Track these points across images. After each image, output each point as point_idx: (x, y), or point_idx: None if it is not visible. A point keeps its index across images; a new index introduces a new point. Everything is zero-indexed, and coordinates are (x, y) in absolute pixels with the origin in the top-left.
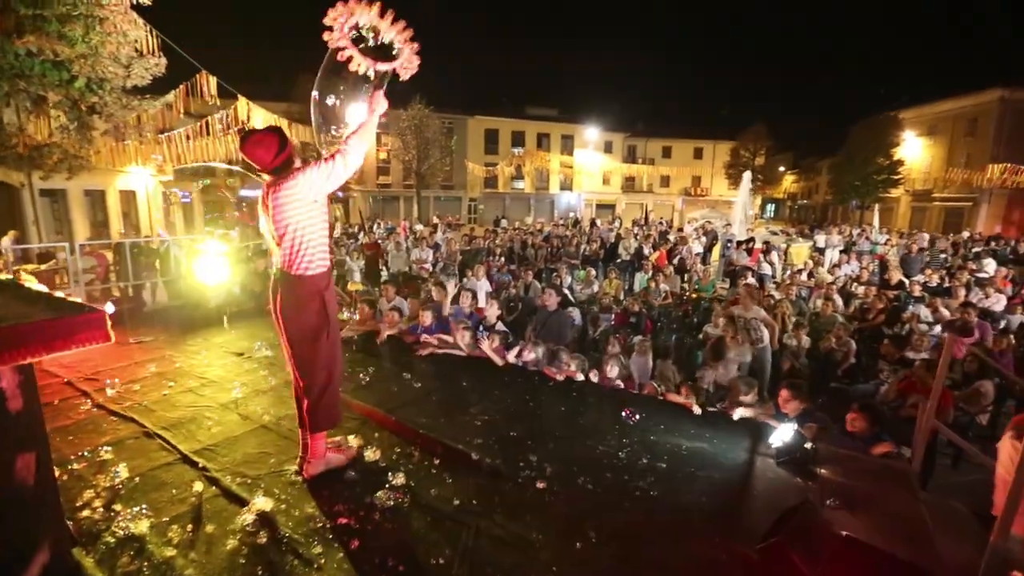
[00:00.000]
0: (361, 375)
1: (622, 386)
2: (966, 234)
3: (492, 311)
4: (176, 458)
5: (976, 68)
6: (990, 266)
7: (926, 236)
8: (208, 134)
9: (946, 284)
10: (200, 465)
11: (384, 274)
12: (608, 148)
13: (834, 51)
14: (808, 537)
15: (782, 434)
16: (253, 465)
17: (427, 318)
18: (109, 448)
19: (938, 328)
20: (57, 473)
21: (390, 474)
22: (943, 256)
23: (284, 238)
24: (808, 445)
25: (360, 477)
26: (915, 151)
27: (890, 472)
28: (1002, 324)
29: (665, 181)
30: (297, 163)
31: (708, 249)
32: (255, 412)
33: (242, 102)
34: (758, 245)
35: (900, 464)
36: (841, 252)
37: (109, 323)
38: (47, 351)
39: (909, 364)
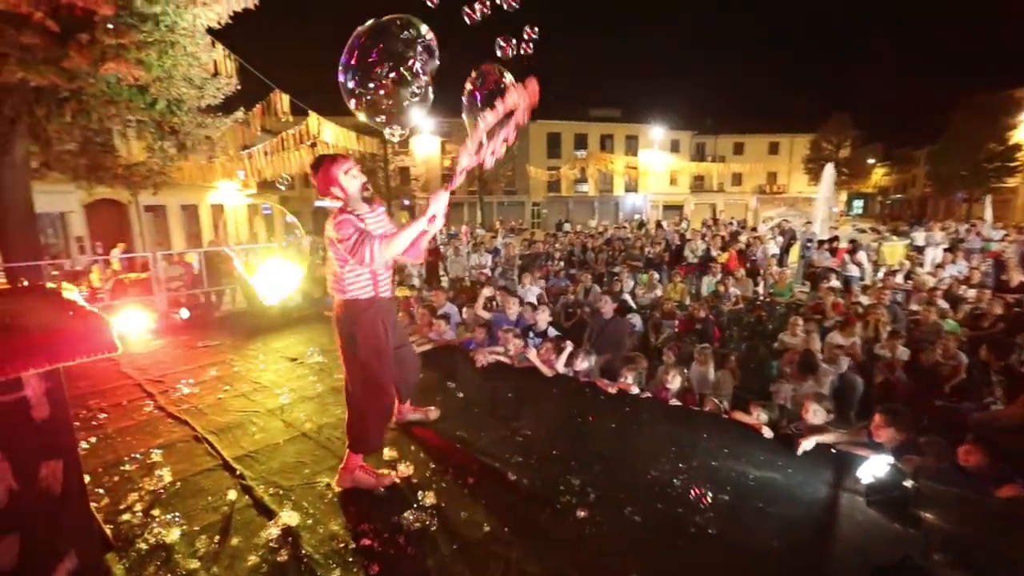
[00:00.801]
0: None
1: (678, 402)
2: None
3: (543, 316)
4: (217, 464)
5: None
6: None
7: None
8: (283, 149)
9: None
10: (238, 472)
11: (444, 280)
12: (675, 147)
13: (928, 28)
14: None
15: (875, 467)
16: (287, 475)
17: (480, 334)
18: (160, 451)
19: None
20: (109, 475)
21: (420, 492)
22: None
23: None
24: (908, 483)
25: (390, 494)
26: None
27: (1018, 521)
28: None
29: (737, 179)
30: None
31: (785, 249)
32: (298, 419)
33: (313, 117)
34: (843, 244)
35: None
36: (945, 251)
37: (114, 333)
38: (55, 360)
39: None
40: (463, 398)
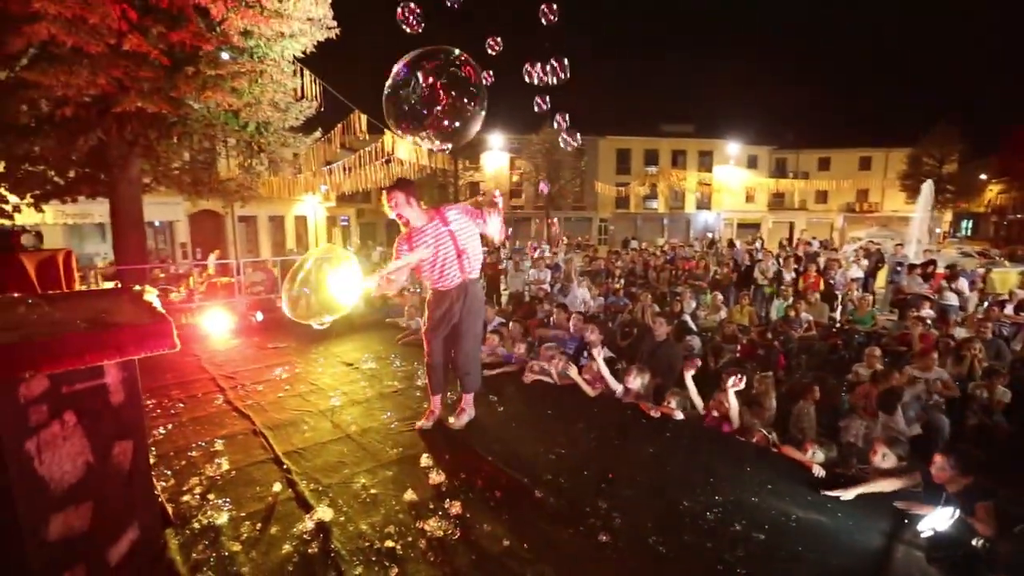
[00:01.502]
0: (450, 393)
1: (726, 428)
2: None
3: (594, 336)
4: (269, 457)
5: None
6: None
7: None
8: (361, 165)
9: None
10: (285, 467)
11: (504, 295)
12: (753, 163)
13: None
14: None
15: (940, 519)
16: (328, 473)
17: (520, 348)
18: (222, 441)
19: None
20: (178, 459)
21: (448, 501)
22: None
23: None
24: (978, 541)
25: (419, 499)
26: None
27: None
28: None
29: (822, 197)
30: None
31: (872, 273)
32: (345, 421)
33: (388, 136)
34: (940, 269)
35: None
36: None
37: (175, 333)
38: (122, 353)
39: None
40: (503, 412)
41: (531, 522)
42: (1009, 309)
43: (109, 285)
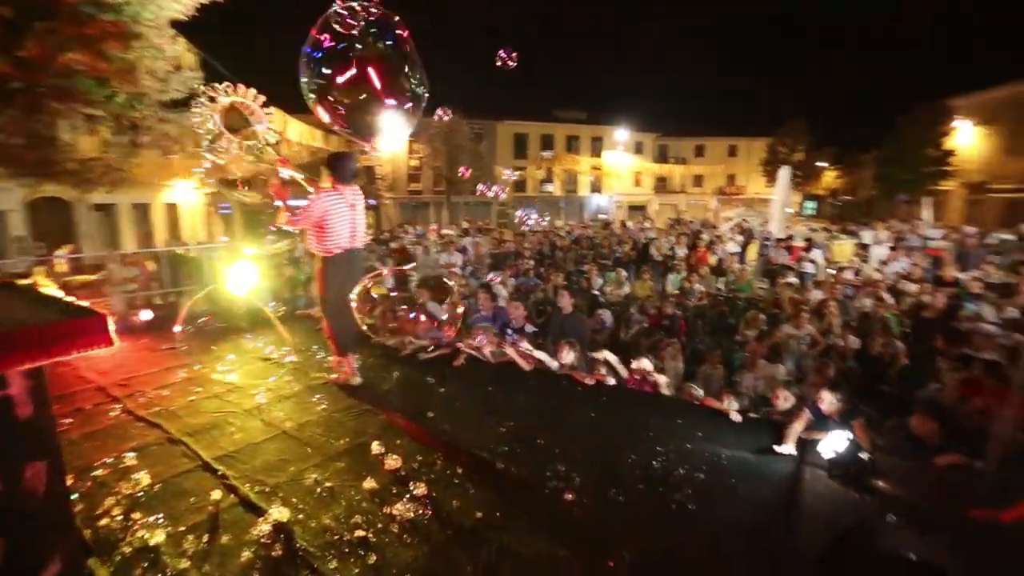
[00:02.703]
0: (384, 380)
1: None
2: None
3: (518, 312)
4: (197, 465)
5: None
6: None
7: (970, 229)
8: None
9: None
10: (220, 472)
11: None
12: (639, 149)
13: (880, 40)
14: (870, 563)
15: (834, 443)
16: (272, 473)
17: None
18: (134, 454)
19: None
20: (81, 480)
21: (411, 484)
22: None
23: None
24: (864, 455)
25: (380, 486)
26: (969, 141)
27: (961, 486)
28: None
29: (698, 181)
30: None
31: (744, 248)
32: (277, 418)
33: (278, 115)
34: (799, 242)
35: (972, 477)
36: (890, 249)
37: (112, 327)
38: (48, 356)
39: (967, 362)
40: (445, 392)
41: (498, 492)
42: (849, 274)
43: None
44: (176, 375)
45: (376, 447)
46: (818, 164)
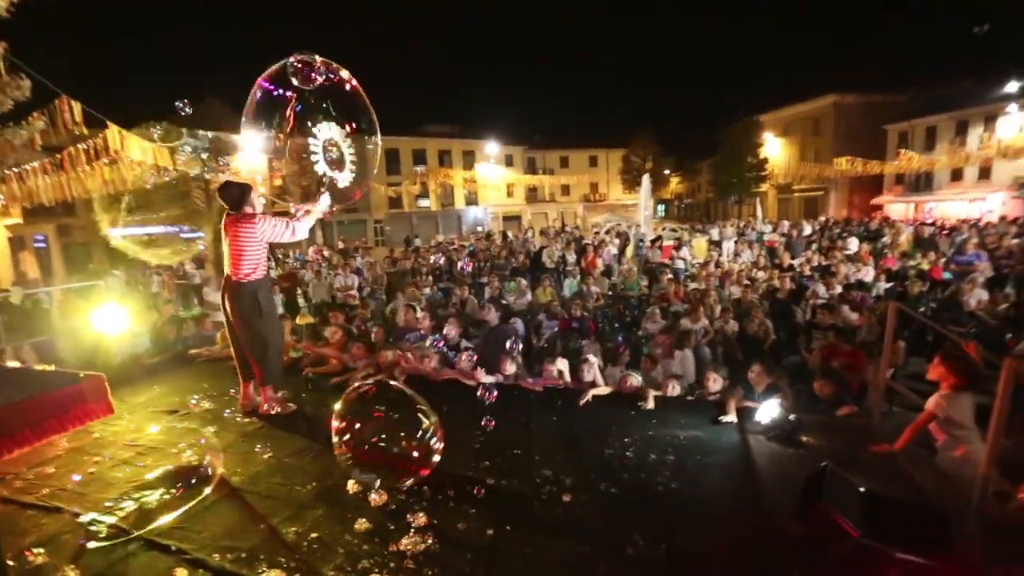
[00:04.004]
0: (326, 413)
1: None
2: (822, 219)
3: (454, 330)
4: (138, 545)
5: (819, 75)
6: (853, 244)
7: (786, 223)
8: (72, 167)
9: (825, 263)
10: (173, 548)
11: (303, 305)
12: (509, 161)
13: (709, 60)
14: (845, 497)
15: (768, 411)
16: (241, 536)
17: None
18: (40, 548)
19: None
20: None
21: (408, 516)
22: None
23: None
24: (792, 417)
25: (375, 525)
26: (775, 150)
27: (861, 430)
28: (873, 292)
29: (566, 190)
30: (249, 209)
31: (621, 250)
32: (220, 475)
33: (112, 130)
34: (667, 242)
35: (865, 422)
36: (736, 243)
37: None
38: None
39: (827, 331)
40: None
41: (498, 507)
42: (712, 267)
43: None
44: (56, 446)
45: (353, 486)
46: (666, 172)
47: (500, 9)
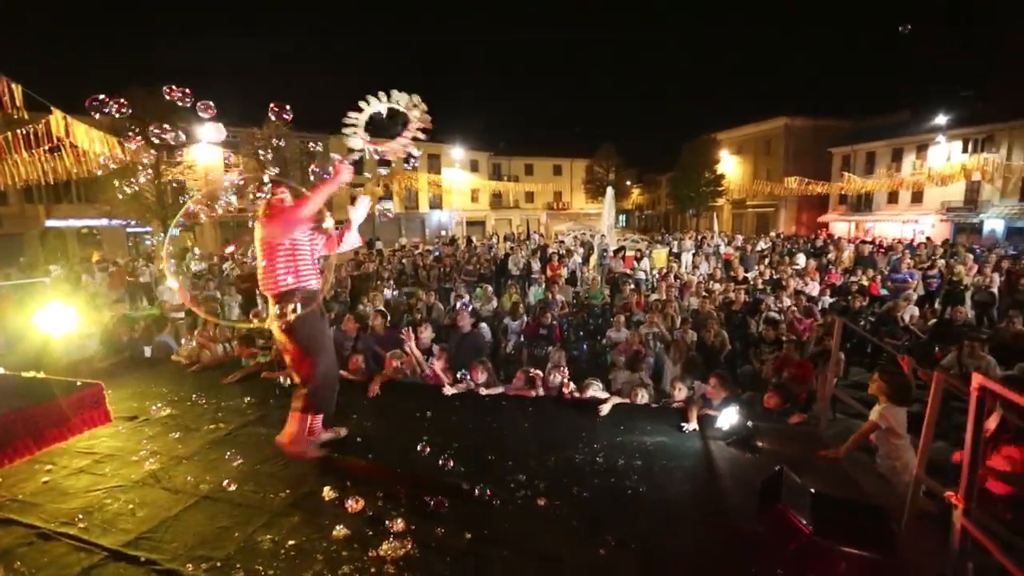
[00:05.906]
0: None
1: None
2: (773, 234)
3: (427, 334)
4: (103, 556)
5: (776, 96)
6: (801, 259)
7: (740, 238)
8: (9, 152)
9: (775, 276)
10: (143, 559)
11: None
12: (475, 167)
13: (670, 78)
14: (798, 498)
15: (727, 418)
16: (214, 545)
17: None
18: None
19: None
20: None
21: (386, 521)
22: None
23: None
24: (750, 424)
25: (353, 531)
26: (731, 167)
27: (810, 436)
28: (819, 305)
29: (530, 197)
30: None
31: (585, 259)
32: (187, 483)
33: (57, 115)
34: (630, 253)
35: (813, 428)
36: (694, 255)
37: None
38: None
39: (779, 345)
40: (372, 426)
41: (475, 511)
42: (671, 278)
43: None
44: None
45: (329, 492)
46: (627, 183)
47: (470, 19)
